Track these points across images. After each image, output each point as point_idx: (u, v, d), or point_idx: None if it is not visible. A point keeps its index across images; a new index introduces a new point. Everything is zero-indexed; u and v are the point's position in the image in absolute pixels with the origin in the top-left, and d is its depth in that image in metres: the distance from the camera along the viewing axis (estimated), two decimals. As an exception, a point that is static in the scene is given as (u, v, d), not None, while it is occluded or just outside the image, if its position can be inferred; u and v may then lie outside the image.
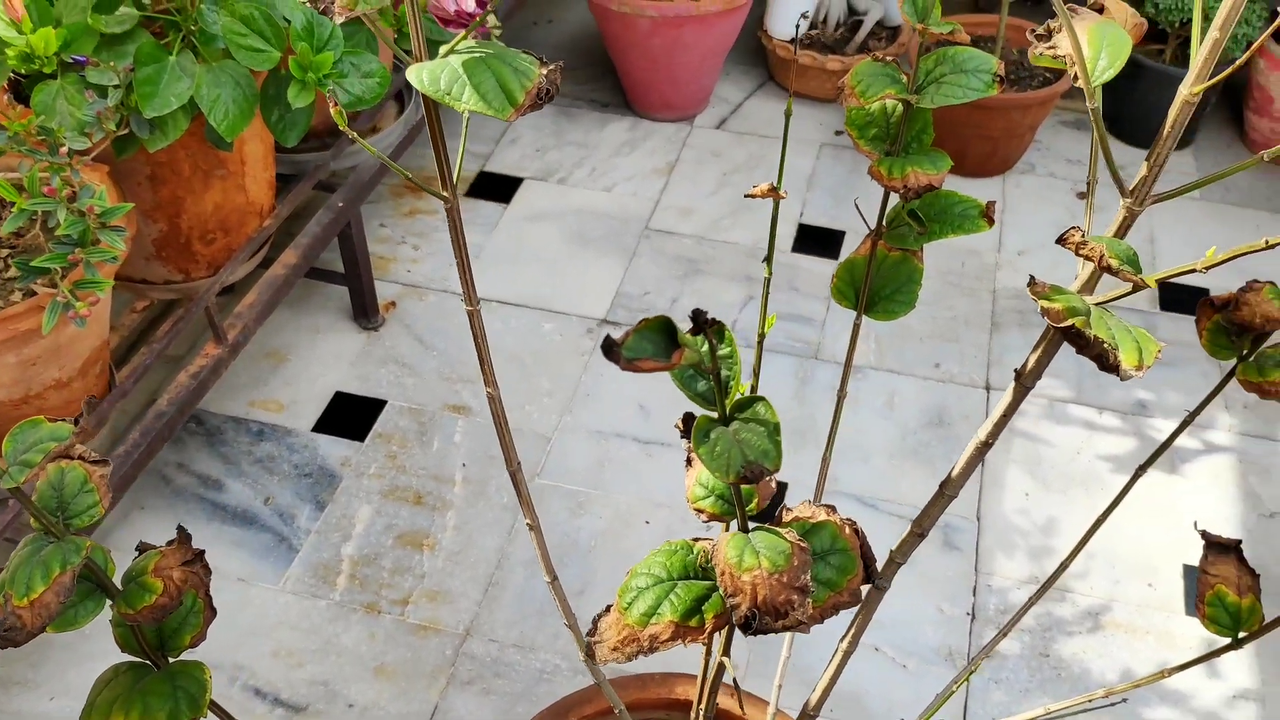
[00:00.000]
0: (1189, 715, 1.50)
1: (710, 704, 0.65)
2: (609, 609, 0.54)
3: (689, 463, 0.70)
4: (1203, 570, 0.87)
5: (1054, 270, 2.16)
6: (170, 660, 0.60)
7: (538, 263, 2.16)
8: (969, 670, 0.95)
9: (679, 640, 0.51)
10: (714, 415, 0.42)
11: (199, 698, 0.56)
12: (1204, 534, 0.88)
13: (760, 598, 0.47)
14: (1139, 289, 0.57)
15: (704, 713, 0.66)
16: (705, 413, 0.42)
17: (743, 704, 0.94)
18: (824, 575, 0.53)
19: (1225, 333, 0.86)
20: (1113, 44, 0.56)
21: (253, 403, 1.88)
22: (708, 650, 0.99)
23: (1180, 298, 2.11)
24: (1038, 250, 2.20)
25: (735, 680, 0.61)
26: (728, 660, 0.59)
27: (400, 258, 2.16)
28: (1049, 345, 0.67)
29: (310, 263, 1.76)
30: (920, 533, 0.77)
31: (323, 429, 1.84)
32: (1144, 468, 0.94)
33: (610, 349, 0.35)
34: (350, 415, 1.86)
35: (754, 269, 2.15)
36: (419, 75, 0.63)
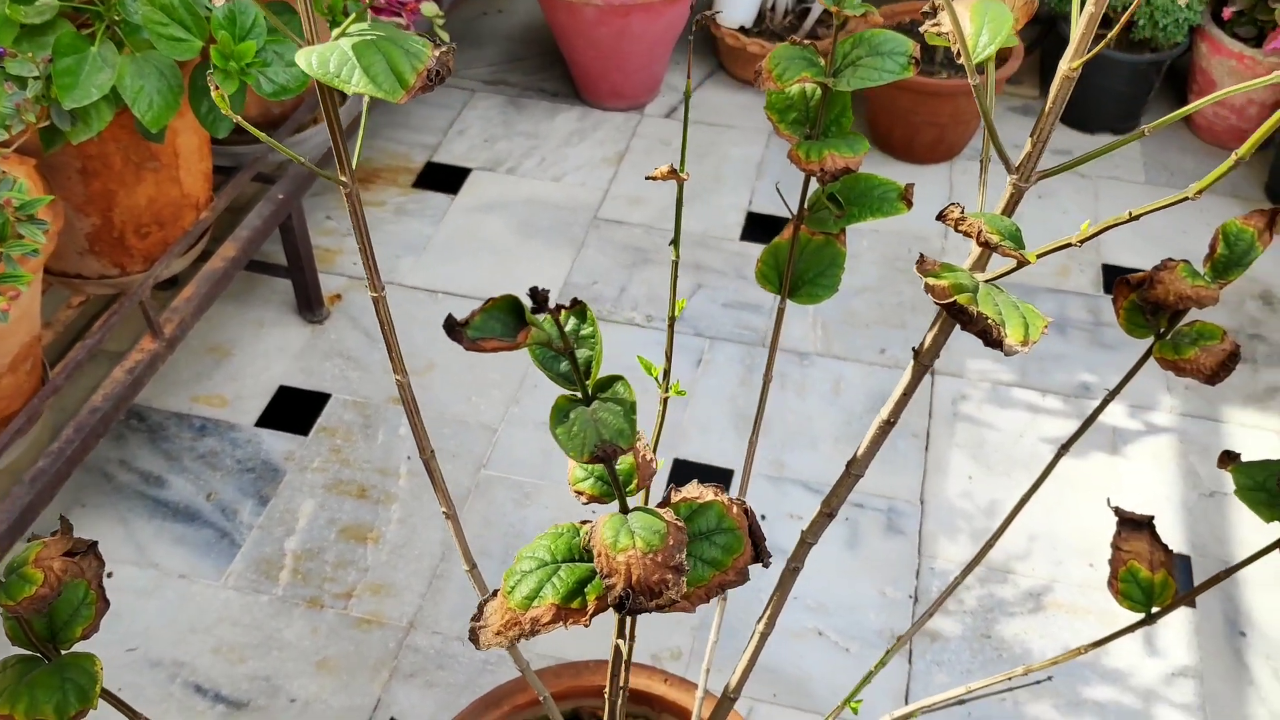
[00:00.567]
0: (1128, 693, 1.52)
1: (617, 688, 0.65)
2: (495, 593, 0.53)
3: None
4: (1115, 546, 0.88)
5: (999, 256, 2.17)
6: (62, 653, 0.60)
7: (485, 253, 2.15)
8: (894, 649, 0.96)
9: (560, 622, 0.51)
10: (576, 395, 0.41)
11: (88, 689, 0.55)
12: (1117, 510, 0.89)
13: (635, 577, 0.47)
14: (1021, 265, 0.58)
15: (611, 696, 0.66)
16: (567, 393, 0.42)
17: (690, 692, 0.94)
18: (709, 555, 0.53)
19: (1141, 311, 0.87)
20: (994, 20, 0.57)
21: (196, 398, 1.86)
22: (627, 633, 0.99)
23: (1124, 281, 2.12)
24: (984, 235, 2.21)
25: (626, 662, 0.61)
26: (622, 643, 0.58)
27: (346, 250, 2.14)
28: (944, 323, 0.67)
29: (250, 255, 1.74)
30: (829, 512, 0.77)
31: (266, 423, 1.82)
32: (1066, 447, 0.95)
33: (452, 328, 0.35)
34: (294, 409, 1.85)
35: (703, 258, 2.15)
36: (308, 59, 0.62)
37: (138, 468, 1.75)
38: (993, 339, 0.56)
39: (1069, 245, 0.55)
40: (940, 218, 0.58)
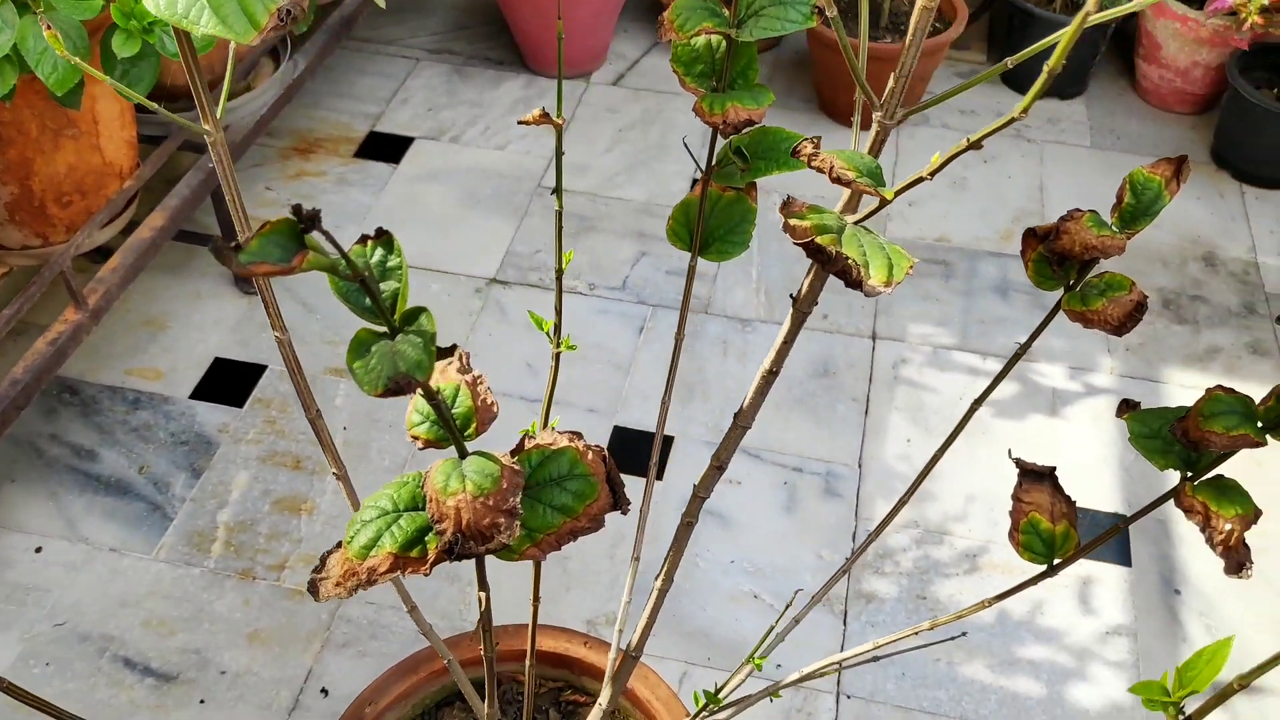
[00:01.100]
0: (1063, 652, 1.53)
1: (489, 642, 0.63)
2: (339, 545, 0.52)
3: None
4: (1016, 498, 0.87)
5: (944, 221, 2.17)
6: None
7: (427, 223, 2.12)
8: (805, 610, 0.95)
9: (398, 571, 0.49)
10: (380, 330, 0.40)
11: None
12: (1018, 461, 0.89)
13: (465, 521, 0.46)
14: (884, 204, 0.57)
15: (486, 654, 0.65)
16: (372, 327, 0.40)
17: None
18: (560, 501, 0.52)
19: (1049, 263, 0.86)
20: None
21: (129, 371, 1.84)
22: (535, 593, 0.98)
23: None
24: (928, 201, 2.21)
25: (484, 613, 0.60)
26: (483, 595, 0.57)
27: (285, 221, 2.11)
28: (819, 270, 0.66)
29: (179, 225, 1.71)
30: (719, 465, 0.76)
31: (201, 396, 1.80)
32: (979, 401, 0.94)
33: (220, 252, 0.33)
34: (230, 381, 1.82)
35: (647, 225, 2.13)
36: (155, 1, 0.61)
37: (69, 442, 1.73)
38: (852, 279, 0.55)
39: (921, 180, 0.53)
40: (794, 154, 0.56)
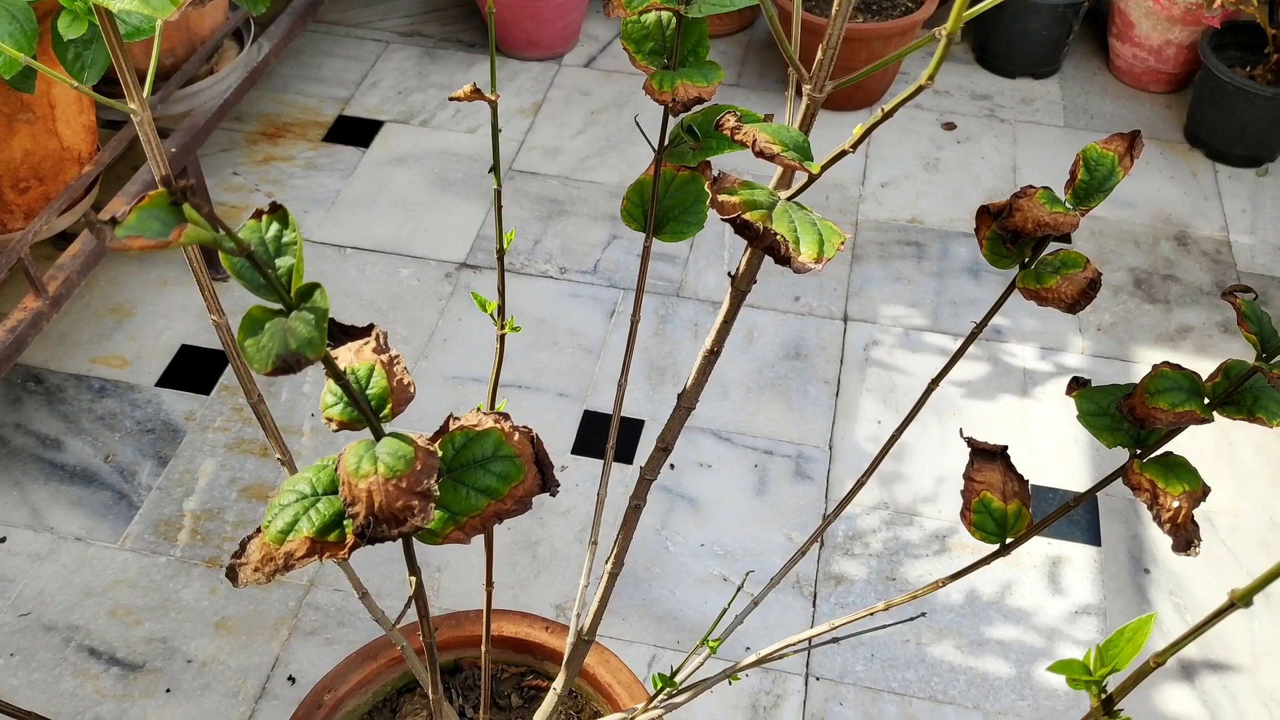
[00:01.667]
0: (1031, 632, 1.53)
1: (426, 626, 0.63)
2: (258, 531, 0.51)
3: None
4: (968, 477, 0.87)
5: (916, 202, 2.16)
6: None
7: (397, 207, 2.11)
8: (763, 592, 0.94)
9: (315, 556, 0.49)
10: (275, 307, 0.39)
11: None
12: (969, 440, 0.88)
13: (377, 504, 0.45)
14: (812, 179, 0.56)
15: (426, 639, 0.64)
16: (266, 305, 0.39)
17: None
18: (483, 483, 0.51)
19: (1003, 241, 0.86)
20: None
21: (95, 359, 1.82)
22: (488, 577, 0.97)
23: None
24: (901, 182, 2.20)
25: (419, 607, 0.59)
26: (414, 579, 0.56)
27: (252, 205, 2.09)
28: (755, 250, 0.65)
29: (142, 211, 1.69)
30: (664, 448, 0.75)
31: (167, 383, 1.78)
32: (936, 381, 0.94)
33: (94, 226, 0.32)
34: (196, 369, 1.81)
35: (619, 209, 2.12)
36: (73, -24, 0.59)
37: (34, 431, 1.71)
38: (780, 255, 0.54)
39: (844, 154, 0.52)
40: (717, 127, 0.55)
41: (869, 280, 2.00)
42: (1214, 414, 0.72)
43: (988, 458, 0.88)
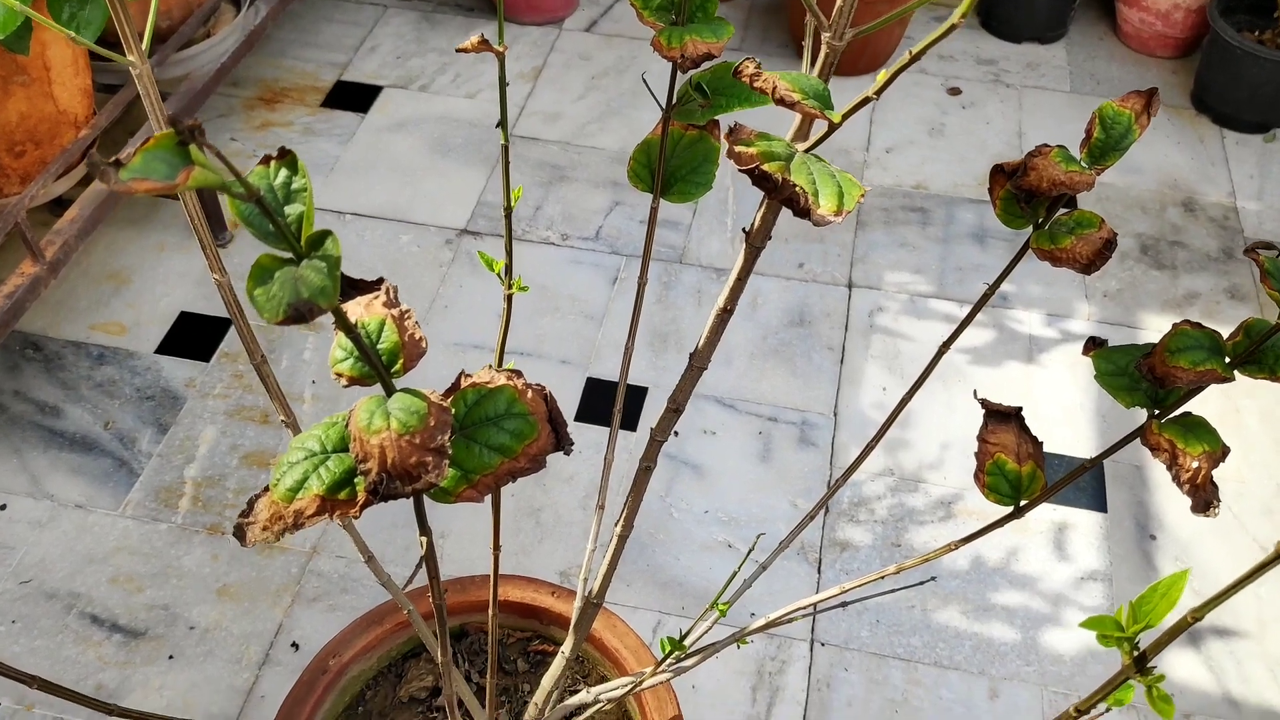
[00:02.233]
0: (1037, 598, 1.52)
1: (436, 587, 0.62)
2: (266, 489, 0.50)
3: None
4: (982, 439, 0.86)
5: (921, 168, 2.14)
6: None
7: (396, 173, 2.08)
8: (772, 556, 0.94)
9: (326, 515, 0.47)
10: (285, 256, 0.38)
11: None
12: (983, 402, 0.87)
13: (390, 460, 0.44)
14: (832, 129, 0.54)
15: (435, 600, 0.63)
16: (276, 253, 0.38)
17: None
18: (497, 440, 0.50)
19: (1017, 200, 0.84)
20: None
21: (94, 326, 1.80)
22: (495, 541, 0.96)
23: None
24: (906, 147, 2.18)
25: (429, 568, 0.58)
26: (424, 540, 0.55)
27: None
28: (771, 203, 0.64)
29: (139, 176, 1.67)
30: (675, 409, 0.74)
31: (167, 350, 1.77)
32: (947, 344, 0.92)
33: (98, 167, 0.31)
34: (196, 335, 1.79)
35: (621, 175, 2.10)
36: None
37: (33, 398, 1.70)
38: (800, 207, 0.53)
39: (868, 100, 0.51)
40: (735, 74, 0.54)
41: (874, 246, 1.98)
42: (1235, 373, 0.71)
43: (1002, 419, 0.87)
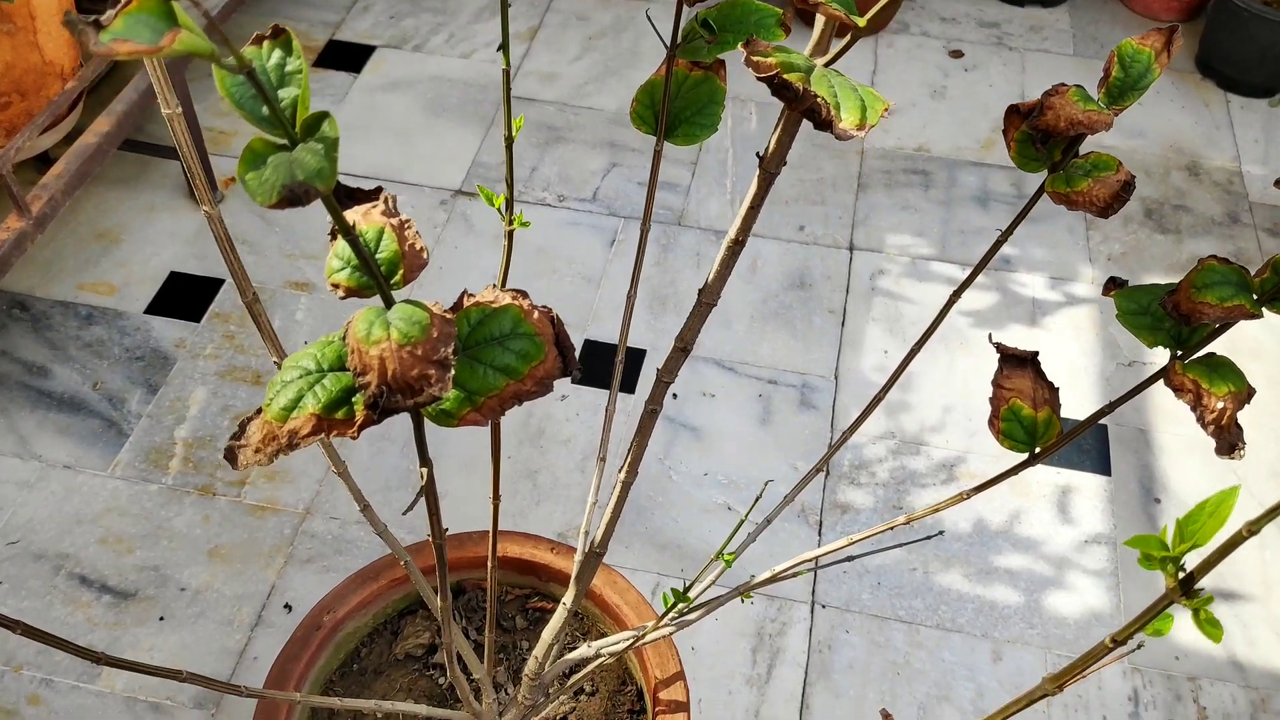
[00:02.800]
0: (1040, 561, 1.51)
1: (436, 524, 0.59)
2: (259, 411, 0.47)
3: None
4: (997, 385, 0.83)
5: (923, 130, 2.11)
6: None
7: (390, 134, 2.05)
8: (776, 511, 0.91)
9: (321, 434, 0.45)
10: (279, 141, 0.35)
11: None
12: (998, 346, 0.85)
13: (390, 372, 0.41)
14: (855, 39, 0.51)
15: (435, 540, 0.61)
16: (268, 138, 0.35)
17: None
18: (502, 361, 0.48)
19: (1032, 142, 0.81)
20: None
21: (82, 285, 1.77)
22: (495, 490, 0.94)
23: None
24: (908, 110, 2.15)
25: (429, 501, 0.55)
26: (424, 471, 0.53)
27: (243, 131, 2.03)
28: (788, 122, 0.61)
29: (126, 133, 1.64)
30: (684, 348, 0.72)
31: (156, 310, 1.74)
32: (957, 294, 0.90)
33: (75, 26, 0.28)
34: (186, 295, 1.76)
35: (618, 135, 2.07)
36: None
37: (20, 358, 1.67)
38: (822, 119, 0.50)
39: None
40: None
41: (875, 209, 1.95)
42: (1263, 310, 0.68)
43: (1018, 364, 0.84)
